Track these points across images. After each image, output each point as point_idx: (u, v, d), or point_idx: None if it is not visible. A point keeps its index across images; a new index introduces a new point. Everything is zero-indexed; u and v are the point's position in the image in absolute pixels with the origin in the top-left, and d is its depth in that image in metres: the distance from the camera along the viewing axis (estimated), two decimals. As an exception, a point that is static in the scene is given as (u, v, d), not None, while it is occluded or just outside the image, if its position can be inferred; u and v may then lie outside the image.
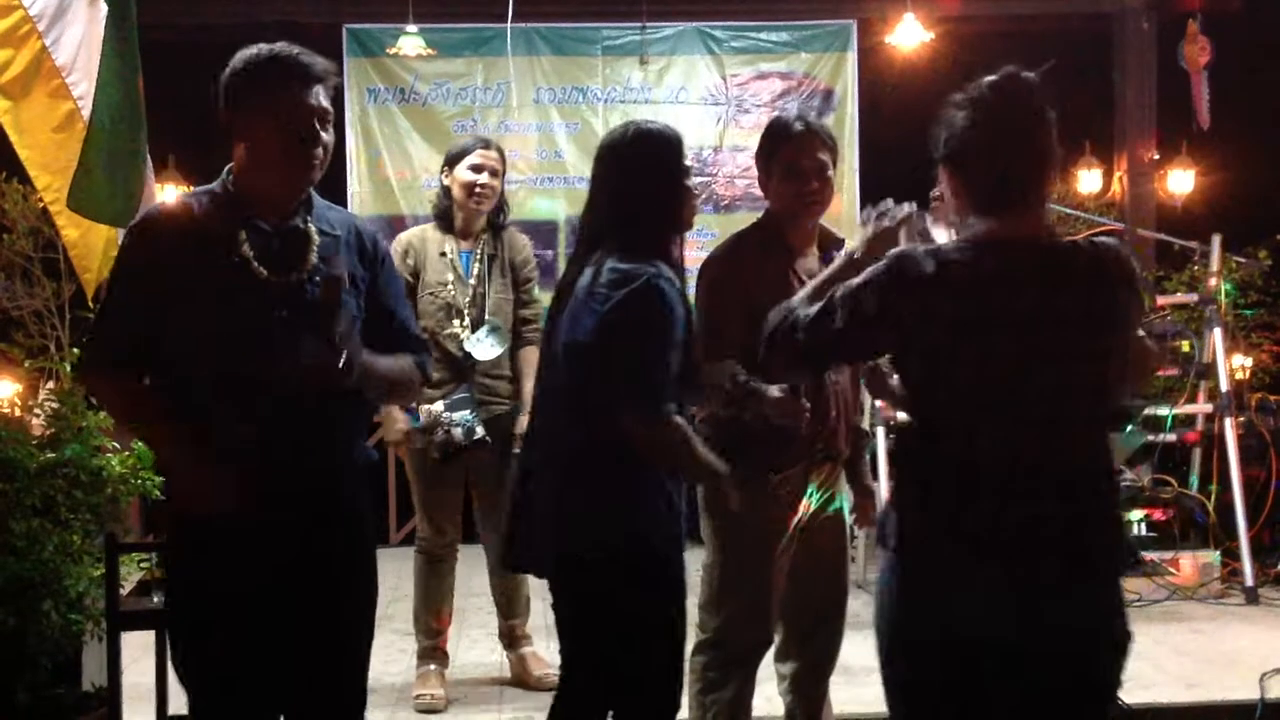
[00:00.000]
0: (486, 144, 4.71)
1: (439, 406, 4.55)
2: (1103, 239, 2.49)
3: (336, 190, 8.13)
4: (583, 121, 8.25)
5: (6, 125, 4.30)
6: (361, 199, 8.18)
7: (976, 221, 2.40)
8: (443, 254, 4.65)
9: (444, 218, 4.70)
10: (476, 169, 4.62)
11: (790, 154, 3.47)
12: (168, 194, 7.10)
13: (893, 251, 2.45)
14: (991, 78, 2.40)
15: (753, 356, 2.76)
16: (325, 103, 2.75)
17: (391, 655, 5.37)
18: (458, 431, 4.55)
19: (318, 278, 2.74)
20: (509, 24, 7.44)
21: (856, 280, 2.41)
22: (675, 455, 2.96)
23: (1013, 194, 2.38)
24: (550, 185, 8.25)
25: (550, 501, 2.99)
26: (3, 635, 3.83)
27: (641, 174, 3.02)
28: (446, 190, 4.69)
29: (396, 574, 6.99)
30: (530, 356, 4.56)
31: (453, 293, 4.62)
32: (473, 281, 4.67)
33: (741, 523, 3.41)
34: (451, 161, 4.67)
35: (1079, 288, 2.36)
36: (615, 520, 2.93)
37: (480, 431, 4.58)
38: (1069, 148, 3.45)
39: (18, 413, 4.28)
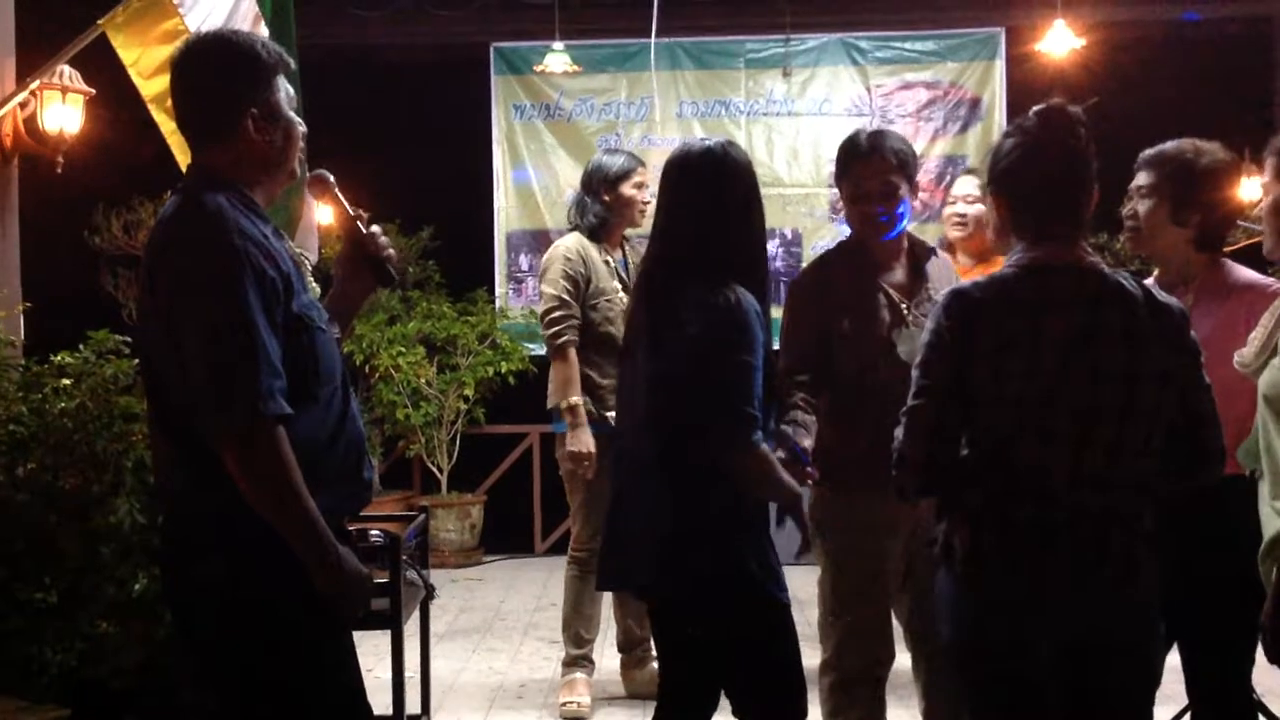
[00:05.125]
0: (641, 162, 4.93)
1: None
2: (1171, 298, 2.53)
3: (483, 205, 8.28)
4: (726, 135, 8.21)
5: (174, 146, 4.47)
6: (508, 213, 8.32)
7: (1021, 247, 2.50)
8: (606, 262, 4.83)
9: (599, 229, 4.86)
10: (641, 186, 4.84)
11: (856, 174, 3.41)
12: (325, 213, 7.28)
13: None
14: (1038, 107, 2.51)
15: (823, 375, 3.17)
16: None
17: (537, 663, 5.46)
18: None
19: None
20: (653, 39, 7.50)
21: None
22: (759, 482, 2.85)
23: (1053, 222, 2.48)
24: (693, 198, 8.28)
25: (642, 531, 2.90)
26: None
27: (703, 194, 2.90)
28: (606, 205, 4.84)
29: (542, 583, 7.13)
30: None
31: (624, 299, 4.75)
32: None
33: (847, 541, 3.39)
34: (615, 180, 4.83)
35: (1120, 310, 2.42)
36: (706, 552, 2.83)
37: None
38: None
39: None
